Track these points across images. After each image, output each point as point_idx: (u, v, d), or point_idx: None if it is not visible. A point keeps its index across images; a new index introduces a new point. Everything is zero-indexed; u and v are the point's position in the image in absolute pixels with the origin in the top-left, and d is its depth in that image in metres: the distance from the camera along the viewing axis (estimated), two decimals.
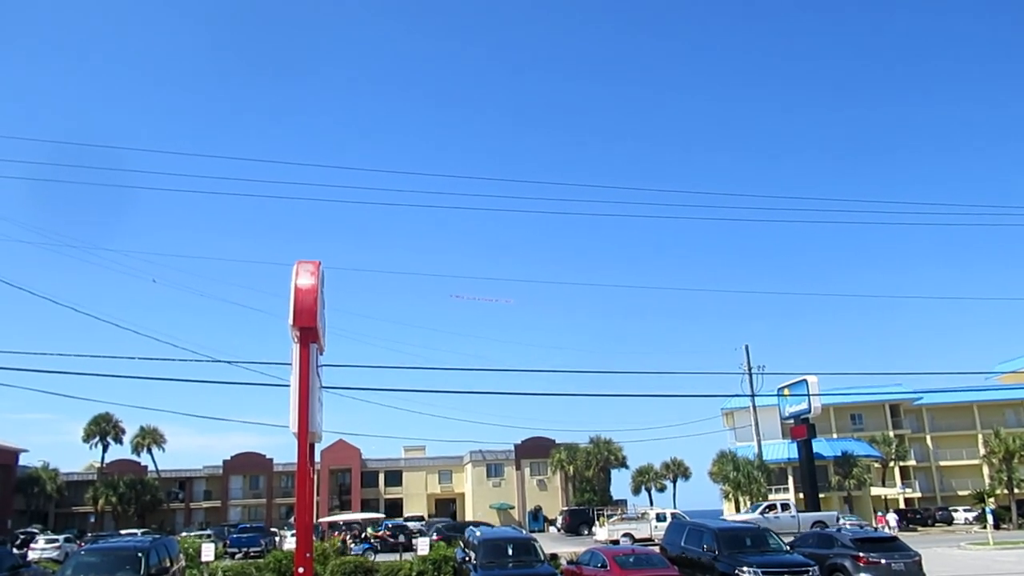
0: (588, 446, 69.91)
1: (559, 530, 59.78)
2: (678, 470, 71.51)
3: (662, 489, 71.98)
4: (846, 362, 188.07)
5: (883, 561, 20.68)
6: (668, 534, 24.80)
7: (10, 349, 64.74)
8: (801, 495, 59.87)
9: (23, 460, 70.48)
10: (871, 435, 71.66)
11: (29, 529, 55.77)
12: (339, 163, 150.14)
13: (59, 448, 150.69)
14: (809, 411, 56.81)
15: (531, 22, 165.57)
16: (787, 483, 67.21)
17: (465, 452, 77.79)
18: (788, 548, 21.96)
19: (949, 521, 64.32)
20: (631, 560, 19.60)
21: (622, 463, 70.80)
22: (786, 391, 59.59)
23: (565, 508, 64.75)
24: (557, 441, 72.78)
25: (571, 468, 70.29)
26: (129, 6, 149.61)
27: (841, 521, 43.55)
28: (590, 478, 69.19)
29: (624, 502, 68.37)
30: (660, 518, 44.91)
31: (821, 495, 59.01)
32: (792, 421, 59.07)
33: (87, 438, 70.81)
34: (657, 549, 23.86)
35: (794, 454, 60.93)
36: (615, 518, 49.82)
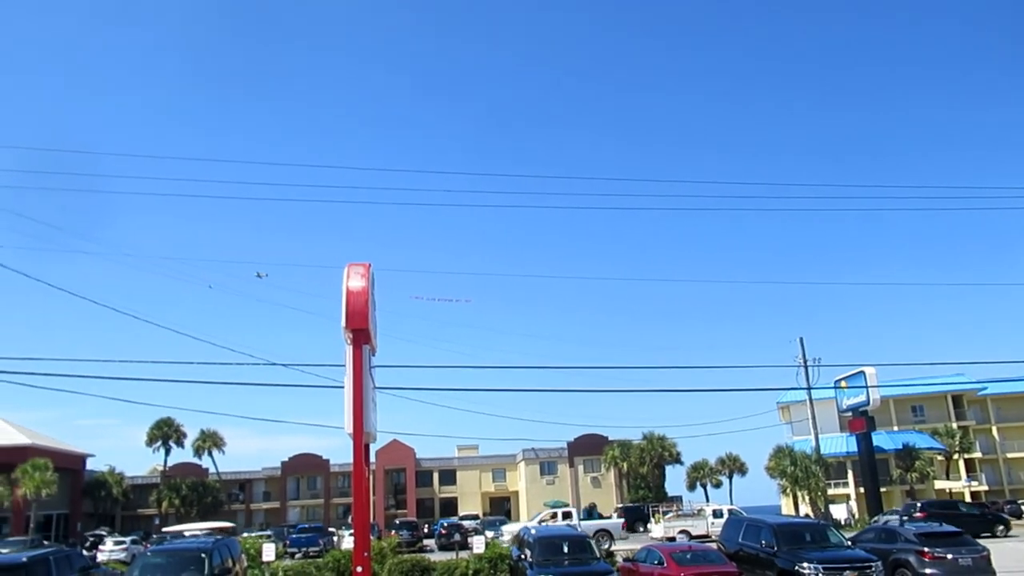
0: (642, 442, 69.47)
1: None
2: (734, 465, 70.56)
3: (718, 485, 71.15)
4: (905, 353, 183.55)
5: (949, 556, 20.10)
6: (725, 530, 24.50)
7: (76, 357, 66.83)
8: (861, 489, 58.73)
9: (90, 464, 72.76)
10: (933, 427, 69.88)
11: (97, 531, 57.53)
12: (390, 165, 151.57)
13: (124, 452, 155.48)
14: (868, 403, 55.64)
15: (540, 21, 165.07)
16: (847, 477, 65.96)
17: (518, 450, 77.98)
18: (849, 543, 21.52)
19: (1019, 515, 62.35)
20: (688, 557, 19.40)
21: (676, 459, 70.19)
22: (843, 383, 58.46)
23: (620, 505, 64.43)
24: (610, 438, 72.54)
25: (625, 465, 69.94)
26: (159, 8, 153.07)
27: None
28: (644, 475, 68.76)
29: (679, 498, 67.81)
30: (716, 514, 44.41)
31: (882, 489, 57.82)
32: (850, 414, 57.90)
33: (150, 442, 72.76)
34: (714, 546, 23.61)
35: (853, 448, 59.77)
36: (671, 515, 49.41)
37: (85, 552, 37.02)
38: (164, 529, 50.35)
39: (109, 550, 42.10)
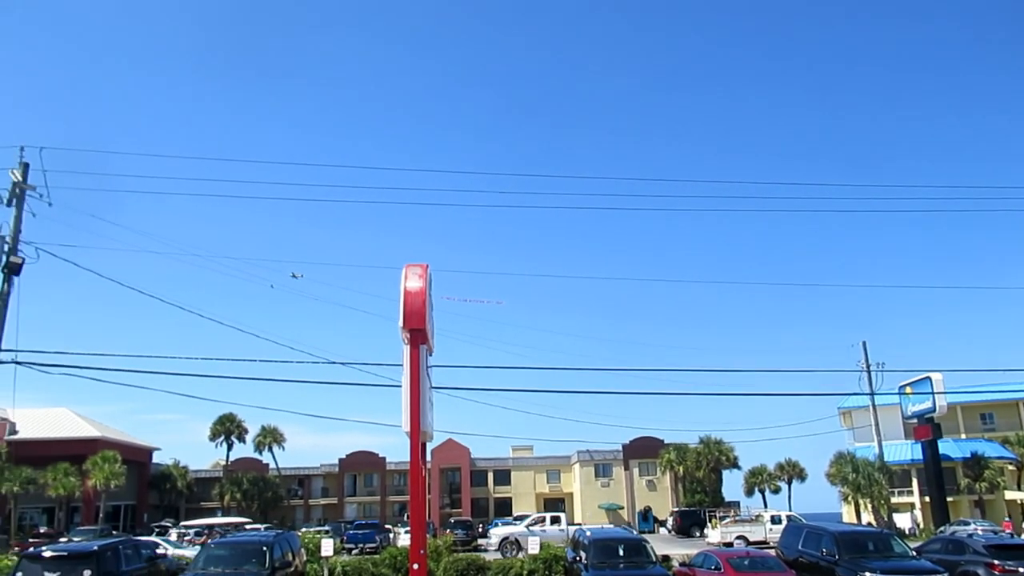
0: (698, 446, 68.62)
1: (670, 531, 59.00)
2: (793, 471, 69.18)
3: (776, 491, 69.87)
4: (974, 358, 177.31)
5: (1021, 570, 19.39)
6: (784, 537, 24.06)
7: (143, 353, 68.92)
8: (927, 498, 57.10)
9: (156, 458, 75.08)
10: (1003, 435, 67.39)
11: (162, 523, 59.26)
12: (444, 166, 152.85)
13: (188, 447, 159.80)
14: (934, 410, 54.06)
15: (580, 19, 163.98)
16: (911, 486, 64.17)
17: (573, 452, 77.80)
18: (914, 554, 20.93)
19: None
20: (746, 563, 19.11)
21: (734, 464, 69.16)
22: (908, 389, 56.90)
23: (675, 509, 63.82)
24: (666, 441, 71.81)
25: (681, 468, 69.20)
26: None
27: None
28: (701, 479, 67.92)
29: (737, 504, 66.84)
30: (775, 520, 43.67)
31: (949, 499, 56.08)
32: (915, 421, 56.33)
33: (213, 437, 74.61)
34: (773, 552, 23.20)
35: (918, 455, 58.13)
36: (728, 520, 48.75)
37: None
38: (182, 523, 51.61)
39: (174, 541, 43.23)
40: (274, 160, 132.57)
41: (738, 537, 42.96)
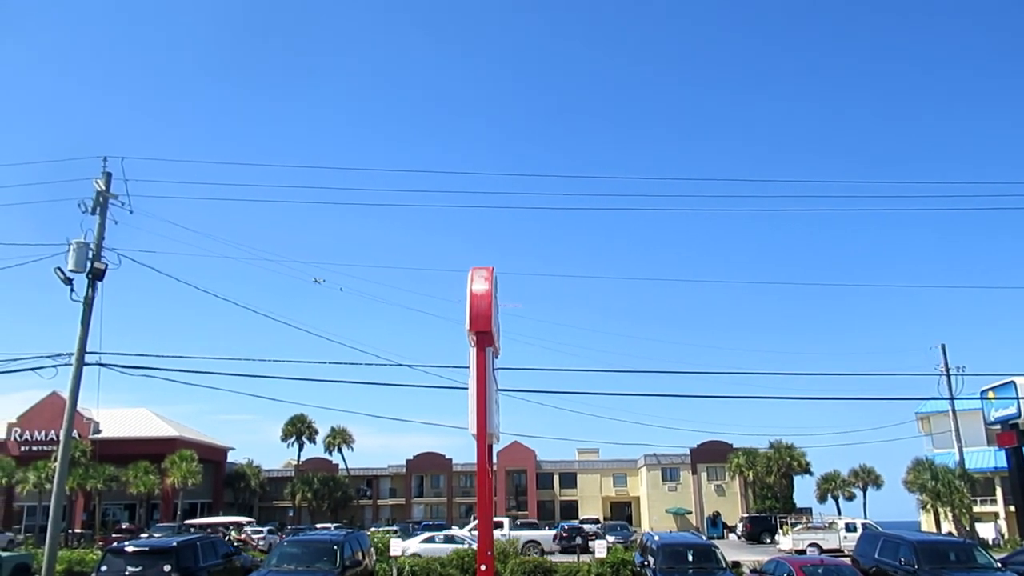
0: (768, 451, 67.27)
1: (739, 537, 57.93)
2: (868, 478, 67.11)
3: (851, 498, 67.89)
4: None
5: None
6: (860, 545, 23.38)
7: (218, 356, 70.96)
8: (1012, 508, 54.78)
9: (231, 457, 77.23)
10: None
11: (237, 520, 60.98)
12: (511, 169, 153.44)
13: (260, 447, 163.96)
14: (1019, 415, 51.66)
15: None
16: (994, 494, 61.57)
17: (639, 455, 77.17)
18: (999, 565, 20.10)
19: None
20: (820, 571, 18.57)
21: (805, 469, 67.53)
22: (991, 394, 54.52)
23: (745, 515, 62.63)
24: (735, 445, 70.61)
25: (750, 473, 67.94)
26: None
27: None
28: (771, 484, 66.56)
29: (809, 510, 65.25)
30: (850, 528, 42.50)
31: None
32: (999, 427, 53.95)
33: (284, 437, 76.41)
34: (848, 561, 22.56)
35: (1002, 463, 55.69)
36: (800, 527, 47.62)
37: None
38: (187, 521, 52.60)
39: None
40: (340, 165, 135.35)
41: (811, 544, 41.92)
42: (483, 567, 14.49)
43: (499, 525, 40.29)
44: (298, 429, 75.40)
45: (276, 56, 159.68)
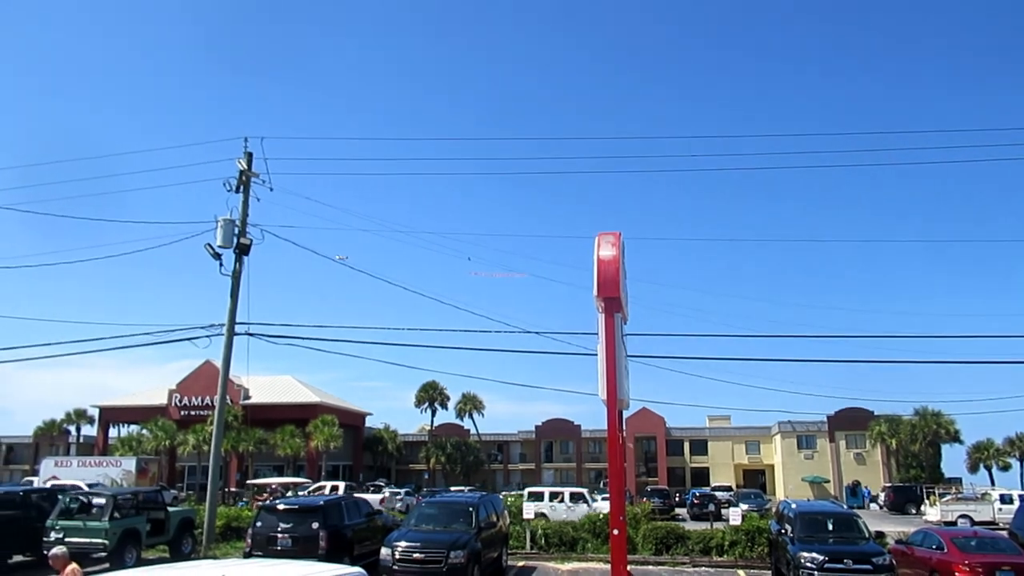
0: (912, 418, 64.06)
1: (881, 507, 55.70)
2: None
3: (1006, 468, 63.99)
4: None
5: None
6: (1018, 518, 22.02)
7: (356, 325, 73.90)
8: None
9: (368, 422, 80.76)
10: None
11: (376, 482, 63.87)
12: (638, 131, 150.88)
13: (395, 412, 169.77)
14: None
15: None
16: None
17: (773, 422, 75.27)
18: None
19: None
20: (973, 543, 17.59)
21: (954, 437, 63.98)
22: None
23: (888, 484, 60.07)
24: (875, 412, 67.61)
25: (893, 442, 64.97)
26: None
27: None
28: (916, 453, 63.47)
29: (958, 480, 61.97)
30: (1005, 500, 40.12)
31: None
32: None
33: (418, 404, 79.11)
34: (1005, 534, 21.27)
35: None
36: (948, 497, 45.26)
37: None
38: (249, 481, 54.24)
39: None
40: (469, 136, 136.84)
41: (961, 516, 39.83)
42: (615, 531, 14.60)
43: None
44: (430, 395, 77.85)
45: (413, 29, 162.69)
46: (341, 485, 45.84)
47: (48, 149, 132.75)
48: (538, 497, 37.13)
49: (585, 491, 41.53)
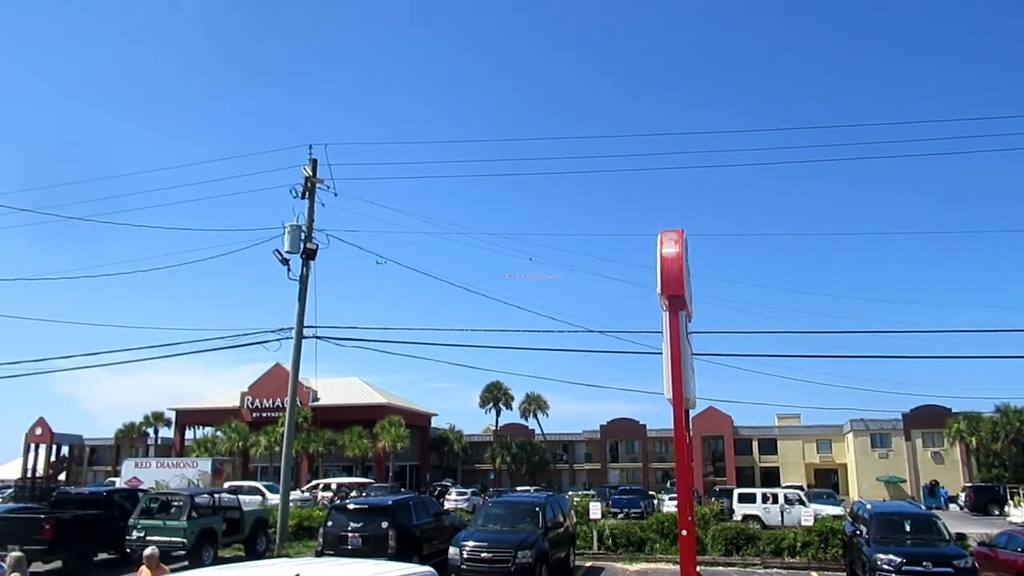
0: (994, 415, 61.76)
1: (962, 508, 53.77)
2: None
3: None
4: None
5: None
6: None
7: (420, 327, 74.62)
8: None
9: (434, 423, 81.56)
10: None
11: (442, 482, 64.47)
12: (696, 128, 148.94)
13: (460, 413, 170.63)
14: None
15: None
16: None
17: (845, 420, 73.47)
18: None
19: None
20: None
21: None
22: None
23: (968, 484, 57.98)
24: (953, 409, 65.34)
25: (973, 440, 62.75)
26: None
27: None
28: (998, 451, 61.19)
29: None
30: None
31: None
32: None
33: (482, 404, 79.68)
34: None
35: None
36: None
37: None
38: (315, 480, 54.57)
39: (454, 499, 46.77)
40: (526, 137, 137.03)
41: None
42: (684, 532, 14.42)
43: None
44: (495, 396, 78.26)
45: (472, 32, 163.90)
46: (333, 483, 47.19)
47: (119, 163, 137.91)
48: (749, 499, 36.39)
49: (801, 492, 40.62)
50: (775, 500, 36.97)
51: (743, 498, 35.75)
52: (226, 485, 37.33)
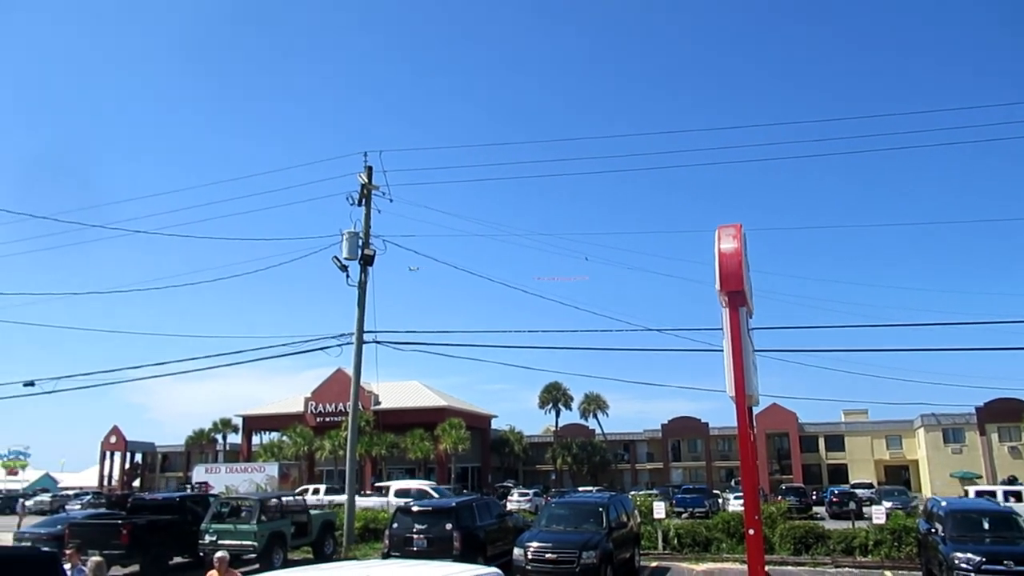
0: None
1: None
2: None
3: None
4: None
5: None
6: None
7: (478, 329, 74.93)
8: None
9: (494, 424, 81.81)
10: None
11: (504, 483, 64.62)
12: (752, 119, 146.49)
13: (520, 414, 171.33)
14: None
15: None
16: None
17: (915, 416, 71.35)
18: None
19: None
20: None
21: None
22: None
23: None
24: None
25: None
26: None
27: None
28: None
29: None
30: None
31: None
32: None
33: (542, 405, 79.57)
34: None
35: None
36: None
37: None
38: (378, 484, 54.12)
39: (516, 500, 46.82)
40: (580, 136, 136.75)
41: None
42: (751, 531, 14.20)
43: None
44: (554, 396, 78.13)
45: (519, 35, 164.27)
46: (323, 488, 47.17)
47: (184, 174, 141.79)
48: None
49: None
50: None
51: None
52: (395, 486, 37.39)
